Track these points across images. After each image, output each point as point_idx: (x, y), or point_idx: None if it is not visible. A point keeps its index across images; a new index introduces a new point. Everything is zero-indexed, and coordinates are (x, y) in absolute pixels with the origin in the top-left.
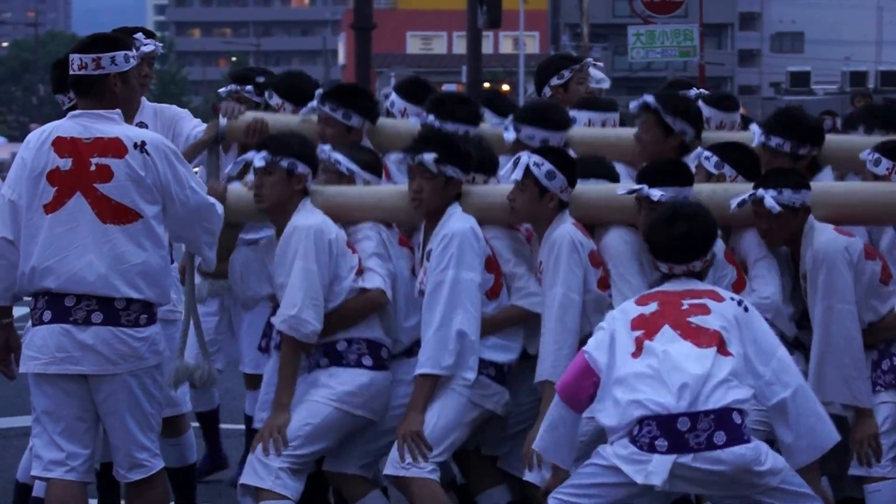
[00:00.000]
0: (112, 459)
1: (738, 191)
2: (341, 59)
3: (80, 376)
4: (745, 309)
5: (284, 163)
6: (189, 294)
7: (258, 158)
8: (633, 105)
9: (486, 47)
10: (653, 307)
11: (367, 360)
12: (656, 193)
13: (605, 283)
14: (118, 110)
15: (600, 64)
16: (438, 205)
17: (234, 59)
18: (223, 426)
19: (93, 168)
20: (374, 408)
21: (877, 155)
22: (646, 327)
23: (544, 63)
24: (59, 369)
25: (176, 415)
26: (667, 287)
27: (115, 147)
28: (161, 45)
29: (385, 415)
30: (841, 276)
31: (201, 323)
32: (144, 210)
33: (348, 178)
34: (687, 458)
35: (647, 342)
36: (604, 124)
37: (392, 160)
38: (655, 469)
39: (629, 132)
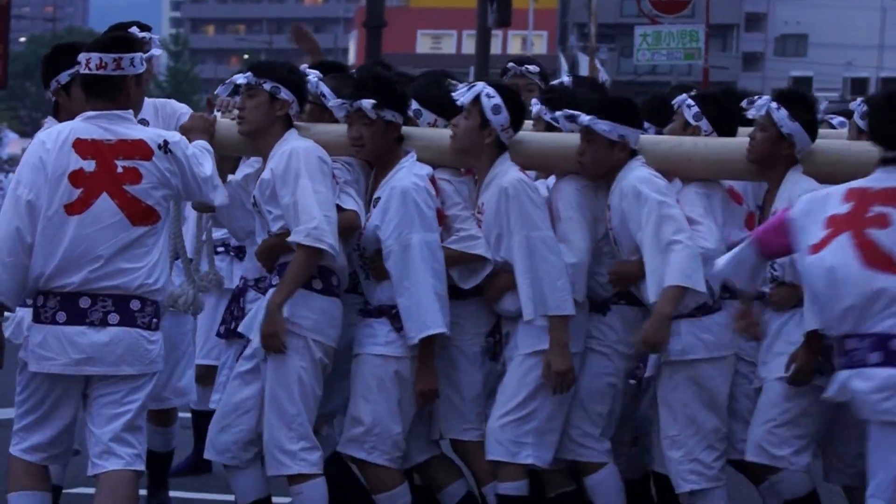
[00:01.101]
0: (88, 450)
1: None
2: (352, 57)
3: (84, 376)
4: None
5: (267, 86)
6: (176, 220)
7: (241, 77)
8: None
9: (495, 47)
10: (846, 208)
11: (317, 284)
12: (602, 126)
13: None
14: (131, 111)
15: (600, 68)
16: (382, 149)
17: (245, 56)
18: None
19: (119, 170)
20: (329, 333)
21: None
22: (834, 227)
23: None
24: (76, 370)
25: (168, 408)
26: (870, 182)
27: (141, 149)
28: (158, 38)
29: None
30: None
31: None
32: (162, 211)
33: (330, 115)
34: None
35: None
36: None
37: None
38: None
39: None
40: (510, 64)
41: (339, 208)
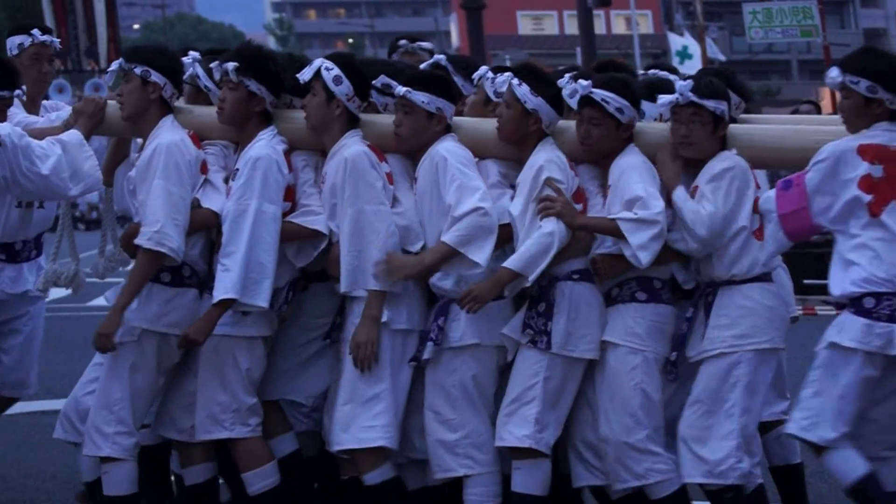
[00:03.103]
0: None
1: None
2: (454, 40)
3: None
4: None
5: (138, 70)
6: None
7: (115, 64)
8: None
9: (599, 27)
10: (878, 171)
11: (165, 277)
12: (420, 97)
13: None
14: None
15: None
16: (242, 116)
17: (350, 40)
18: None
19: None
20: (177, 323)
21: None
22: (875, 193)
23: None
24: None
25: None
26: (882, 138)
27: None
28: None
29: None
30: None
31: None
32: None
33: (206, 97)
34: None
35: (875, 218)
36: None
37: None
38: None
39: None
40: (402, 41)
41: (199, 204)
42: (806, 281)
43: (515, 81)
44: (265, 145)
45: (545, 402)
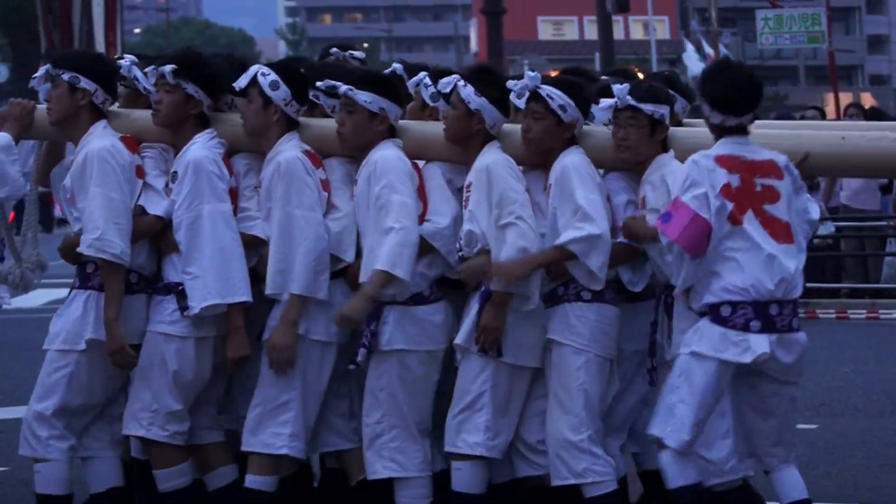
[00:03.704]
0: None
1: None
2: (473, 45)
3: None
4: (791, 174)
5: (65, 76)
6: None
7: (44, 69)
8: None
9: (617, 32)
10: (736, 181)
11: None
12: (363, 96)
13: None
14: None
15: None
16: (178, 119)
17: (366, 45)
18: None
19: None
20: (131, 332)
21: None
22: (736, 202)
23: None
24: None
25: None
26: (732, 150)
27: None
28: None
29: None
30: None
31: None
32: None
33: (145, 99)
34: (774, 338)
35: (737, 227)
36: None
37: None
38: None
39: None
40: (333, 49)
41: (143, 210)
42: (809, 284)
43: (461, 83)
44: (200, 147)
45: (495, 409)
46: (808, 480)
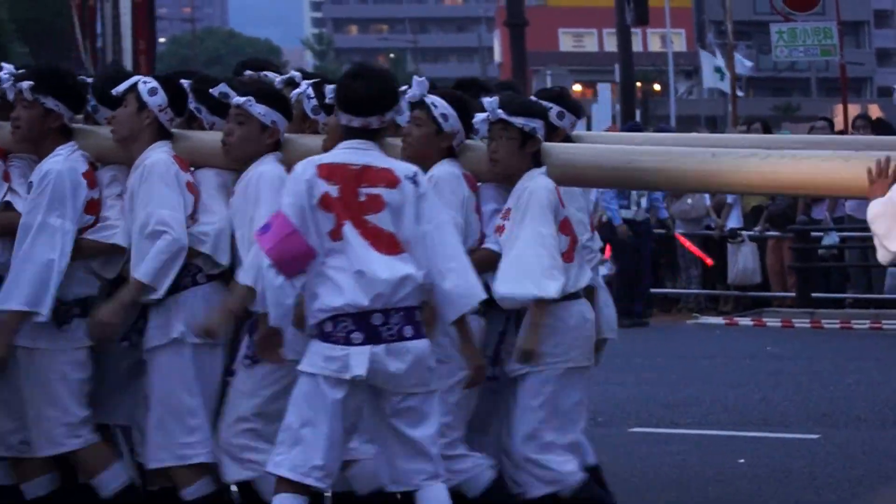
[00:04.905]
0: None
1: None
2: (497, 56)
3: None
4: (417, 183)
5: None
6: None
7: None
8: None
9: (636, 45)
10: (335, 191)
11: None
12: (258, 109)
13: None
14: None
15: (741, 62)
16: (39, 133)
17: (391, 55)
18: None
19: None
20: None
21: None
22: (336, 211)
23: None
24: None
25: None
26: (345, 156)
27: None
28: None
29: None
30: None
31: None
32: None
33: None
34: (380, 349)
35: (337, 242)
36: None
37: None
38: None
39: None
40: (247, 71)
41: (6, 207)
42: (813, 294)
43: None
44: (59, 160)
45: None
46: (810, 491)
